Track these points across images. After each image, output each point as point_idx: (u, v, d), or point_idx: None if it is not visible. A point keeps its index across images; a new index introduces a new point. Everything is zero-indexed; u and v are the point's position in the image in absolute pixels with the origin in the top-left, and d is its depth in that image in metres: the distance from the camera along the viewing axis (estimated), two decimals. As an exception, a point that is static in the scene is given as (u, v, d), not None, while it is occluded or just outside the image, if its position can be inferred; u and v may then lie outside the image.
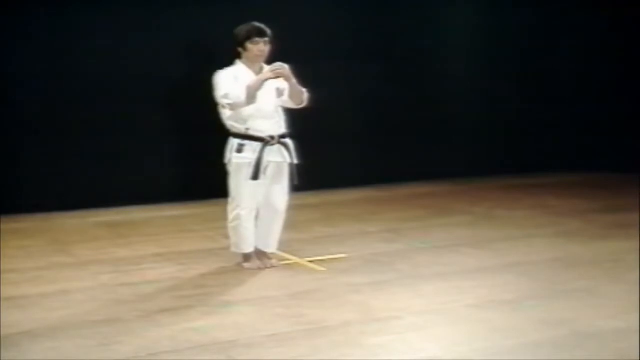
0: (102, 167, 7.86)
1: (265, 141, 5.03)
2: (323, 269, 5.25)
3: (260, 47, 5.08)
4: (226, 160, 5.14)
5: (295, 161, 5.18)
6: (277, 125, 5.14)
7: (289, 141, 5.18)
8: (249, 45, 5.07)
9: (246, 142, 5.04)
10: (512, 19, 9.48)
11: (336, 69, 8.49)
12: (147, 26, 7.86)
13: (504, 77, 9.59)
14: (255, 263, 5.28)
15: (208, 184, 8.15)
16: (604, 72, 9.52)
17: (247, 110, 5.00)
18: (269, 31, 5.12)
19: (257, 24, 5.12)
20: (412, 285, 4.79)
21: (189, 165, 8.18)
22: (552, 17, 9.66)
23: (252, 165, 5.01)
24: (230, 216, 5.21)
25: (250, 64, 5.11)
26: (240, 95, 4.88)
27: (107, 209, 7.64)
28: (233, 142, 5.09)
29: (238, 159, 5.05)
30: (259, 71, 5.09)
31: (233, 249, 5.32)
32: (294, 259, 5.49)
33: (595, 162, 9.49)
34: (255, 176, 5.01)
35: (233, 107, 4.96)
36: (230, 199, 5.20)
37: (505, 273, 4.98)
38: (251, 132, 5.04)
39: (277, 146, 5.10)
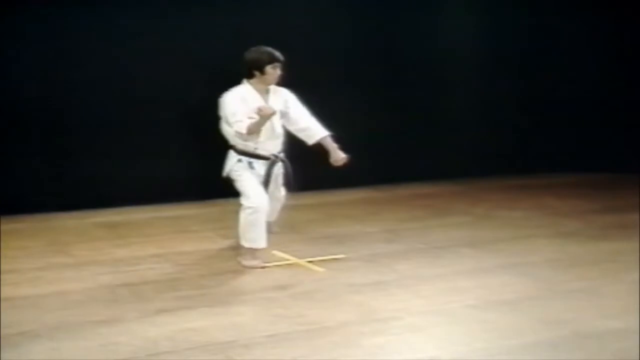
0: (101, 167, 7.84)
1: (270, 159, 5.40)
2: (322, 269, 5.25)
3: (278, 71, 5.33)
4: (226, 171, 5.45)
5: (290, 171, 5.54)
6: (280, 145, 5.50)
7: (283, 157, 5.53)
8: (269, 69, 5.29)
9: (254, 160, 5.37)
10: (511, 19, 9.47)
11: (336, 70, 8.50)
12: (148, 30, 7.86)
13: (504, 77, 9.58)
14: (254, 261, 5.30)
15: (207, 184, 8.15)
16: (604, 72, 9.51)
17: (262, 133, 5.26)
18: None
19: (272, 49, 5.33)
20: (412, 286, 4.79)
21: (189, 165, 8.17)
22: (551, 17, 9.65)
23: (261, 178, 5.38)
24: (244, 213, 5.28)
25: (259, 85, 5.35)
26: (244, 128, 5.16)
27: (106, 209, 7.63)
28: (241, 159, 5.38)
29: (251, 174, 5.35)
30: (265, 92, 5.37)
31: (247, 245, 5.33)
32: (293, 260, 5.49)
33: (594, 162, 9.49)
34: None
35: (242, 136, 5.24)
36: (242, 199, 5.32)
37: (504, 273, 4.98)
38: (259, 151, 5.38)
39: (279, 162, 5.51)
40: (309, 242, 6.07)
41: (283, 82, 5.69)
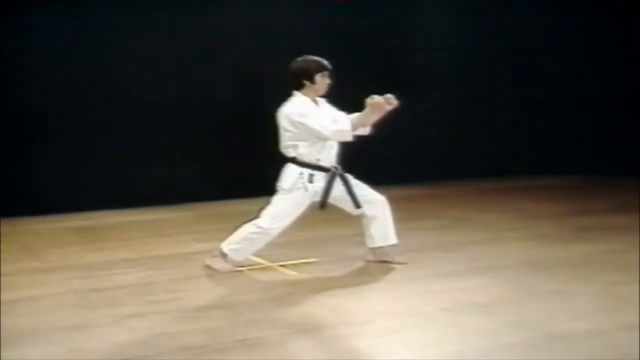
0: (74, 171, 7.80)
1: (331, 171, 5.18)
2: (296, 273, 5.23)
3: (327, 80, 5.19)
4: (286, 187, 5.14)
5: (351, 186, 5.30)
6: (337, 155, 5.29)
7: (342, 170, 5.30)
8: (319, 78, 5.15)
9: (316, 172, 5.16)
10: (507, 19, 9.53)
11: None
12: (129, 31, 7.82)
13: (479, 80, 9.64)
14: (225, 265, 5.26)
15: (182, 188, 8.12)
16: (582, 75, 9.55)
17: (323, 141, 5.11)
18: None
19: (319, 58, 5.18)
20: (386, 289, 4.79)
21: (164, 169, 8.14)
22: (544, 18, 9.69)
23: (318, 194, 5.17)
24: (251, 226, 5.17)
25: (312, 95, 5.18)
26: (341, 125, 5.04)
27: (79, 213, 7.58)
28: (302, 171, 5.14)
29: (311, 189, 5.14)
30: (315, 103, 5.19)
31: (226, 250, 5.25)
32: (266, 263, 5.46)
33: (570, 165, 9.56)
34: (323, 205, 5.22)
35: (335, 136, 5.10)
36: (262, 214, 5.16)
37: (478, 276, 4.99)
38: (321, 163, 5.18)
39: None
40: (283, 245, 6.03)
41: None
